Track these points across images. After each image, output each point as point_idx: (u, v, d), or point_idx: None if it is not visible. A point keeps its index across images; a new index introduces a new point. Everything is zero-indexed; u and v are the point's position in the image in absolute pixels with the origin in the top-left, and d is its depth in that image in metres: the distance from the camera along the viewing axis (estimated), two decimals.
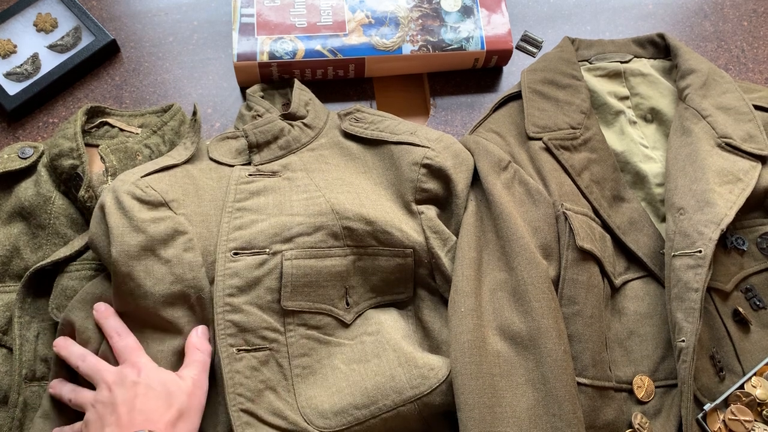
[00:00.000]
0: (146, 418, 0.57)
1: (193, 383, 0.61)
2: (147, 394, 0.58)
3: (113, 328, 0.63)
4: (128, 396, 0.58)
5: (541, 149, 0.77)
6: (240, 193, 0.69)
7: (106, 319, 0.64)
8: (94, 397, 0.60)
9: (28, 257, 0.73)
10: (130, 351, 0.62)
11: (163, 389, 0.59)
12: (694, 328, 0.64)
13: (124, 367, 0.61)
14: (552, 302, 0.65)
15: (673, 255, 0.69)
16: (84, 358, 0.63)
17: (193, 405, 0.60)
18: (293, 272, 0.65)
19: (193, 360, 0.62)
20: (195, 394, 0.61)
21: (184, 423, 0.59)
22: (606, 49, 0.87)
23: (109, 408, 0.58)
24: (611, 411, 0.66)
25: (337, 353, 0.67)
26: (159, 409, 0.58)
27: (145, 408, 0.58)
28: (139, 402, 0.58)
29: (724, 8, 0.99)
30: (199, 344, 0.63)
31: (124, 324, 0.64)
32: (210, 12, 0.94)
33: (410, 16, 0.88)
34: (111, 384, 0.60)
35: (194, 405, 0.60)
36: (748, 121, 0.77)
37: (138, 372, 0.60)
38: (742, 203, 0.69)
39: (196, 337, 0.63)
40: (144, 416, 0.57)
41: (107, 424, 0.57)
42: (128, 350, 0.62)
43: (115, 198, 0.65)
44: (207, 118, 0.87)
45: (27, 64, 0.85)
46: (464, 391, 0.61)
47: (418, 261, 0.71)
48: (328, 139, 0.77)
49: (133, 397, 0.58)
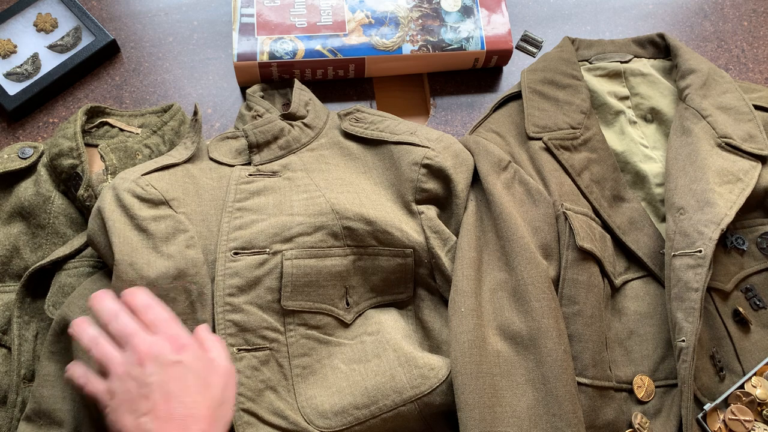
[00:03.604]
0: (186, 409, 0.51)
1: (229, 370, 0.56)
2: (185, 378, 0.52)
3: (142, 304, 0.56)
4: (164, 378, 0.52)
5: (541, 149, 0.77)
6: (240, 193, 0.69)
7: (133, 297, 0.57)
8: (124, 365, 0.53)
9: (28, 257, 0.73)
10: (167, 324, 0.55)
11: (203, 374, 0.53)
12: (695, 327, 0.64)
13: (162, 340, 0.54)
14: (552, 302, 0.65)
15: (674, 255, 0.69)
16: (117, 316, 0.55)
17: (230, 395, 0.55)
18: (293, 272, 0.65)
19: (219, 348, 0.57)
20: (230, 384, 0.56)
21: (224, 413, 0.53)
22: (606, 49, 0.87)
23: (143, 389, 0.51)
24: (611, 411, 0.66)
25: (337, 353, 0.67)
26: (198, 398, 0.52)
27: (184, 396, 0.51)
28: (175, 387, 0.51)
29: (724, 8, 0.99)
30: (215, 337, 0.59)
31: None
32: (210, 12, 0.94)
33: (410, 16, 0.88)
34: (144, 356, 0.52)
35: (230, 395, 0.55)
36: (748, 121, 0.77)
37: (178, 349, 0.53)
38: (742, 203, 0.69)
39: (209, 331, 0.59)
40: (184, 407, 0.51)
41: (141, 411, 0.51)
42: (165, 323, 0.55)
43: (115, 195, 0.65)
44: (207, 118, 0.87)
45: (27, 64, 0.85)
46: (464, 390, 0.61)
47: (418, 261, 0.71)
48: (328, 139, 0.77)
49: (168, 380, 0.52)
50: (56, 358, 0.66)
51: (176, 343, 0.54)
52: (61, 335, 0.66)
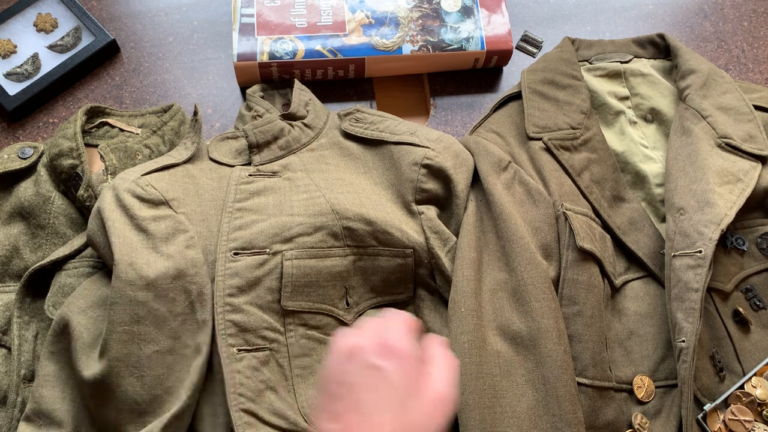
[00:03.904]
0: (366, 426, 0.44)
1: (444, 397, 0.46)
2: (380, 389, 0.45)
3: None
4: (357, 381, 0.45)
5: (541, 149, 0.77)
6: (240, 193, 0.69)
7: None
8: (338, 353, 0.47)
9: (28, 257, 0.73)
10: (383, 325, 0.48)
11: (404, 393, 0.45)
12: (695, 328, 0.64)
13: (368, 338, 0.47)
14: (552, 302, 0.65)
15: (674, 255, 0.69)
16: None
17: (434, 427, 0.45)
18: (293, 272, 0.65)
19: (445, 369, 0.48)
20: (439, 414, 0.46)
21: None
22: (606, 49, 0.87)
23: (340, 387, 0.46)
24: (611, 411, 0.66)
25: None
26: (385, 419, 0.44)
27: (371, 409, 0.44)
28: (366, 395, 0.45)
29: (724, 8, 0.99)
30: (450, 356, 0.49)
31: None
32: (210, 12, 0.94)
33: (410, 16, 0.88)
34: (346, 349, 0.47)
35: (435, 427, 0.45)
36: (748, 122, 0.77)
37: (382, 353, 0.46)
38: (742, 203, 0.69)
39: (443, 346, 0.50)
40: (364, 421, 0.44)
41: (331, 411, 0.45)
42: (379, 324, 0.48)
43: (115, 195, 0.65)
44: (207, 118, 0.87)
45: (27, 64, 0.85)
46: (464, 391, 0.61)
47: (418, 261, 0.70)
48: (328, 140, 0.77)
49: (360, 385, 0.45)
50: (56, 358, 0.66)
51: (384, 346, 0.46)
52: (61, 335, 0.66)
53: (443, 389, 0.46)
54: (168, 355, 0.63)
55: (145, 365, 0.62)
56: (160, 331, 0.63)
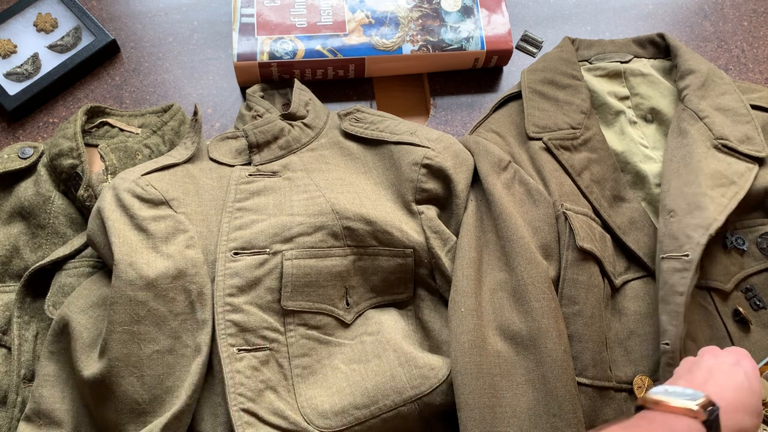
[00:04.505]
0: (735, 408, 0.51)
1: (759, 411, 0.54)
2: (742, 385, 0.53)
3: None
4: (715, 366, 0.55)
5: (541, 149, 0.77)
6: (240, 193, 0.69)
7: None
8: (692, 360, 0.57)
9: (28, 257, 0.73)
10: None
11: (756, 397, 0.53)
12: (678, 331, 0.64)
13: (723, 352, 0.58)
14: (552, 302, 0.65)
15: (662, 257, 0.69)
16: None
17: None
18: (293, 272, 0.65)
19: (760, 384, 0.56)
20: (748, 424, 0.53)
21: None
22: (606, 49, 0.87)
23: (693, 366, 0.56)
24: (611, 411, 0.66)
25: (337, 353, 0.67)
26: (745, 416, 0.52)
27: (735, 400, 0.52)
28: (728, 383, 0.53)
29: (724, 8, 0.99)
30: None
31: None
32: (210, 12, 0.94)
33: (410, 16, 0.88)
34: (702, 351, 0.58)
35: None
36: (746, 123, 0.76)
37: (737, 359, 0.56)
38: (734, 207, 0.69)
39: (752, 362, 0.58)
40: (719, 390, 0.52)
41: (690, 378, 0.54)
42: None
43: (115, 195, 0.65)
44: (207, 118, 0.87)
45: (27, 64, 0.85)
46: (464, 391, 0.61)
47: (418, 261, 0.71)
48: (329, 139, 0.77)
49: (722, 373, 0.54)
50: (56, 358, 0.66)
51: (736, 355, 0.57)
52: (61, 335, 0.66)
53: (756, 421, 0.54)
54: (168, 355, 0.63)
55: (145, 365, 0.62)
56: (160, 330, 0.63)
